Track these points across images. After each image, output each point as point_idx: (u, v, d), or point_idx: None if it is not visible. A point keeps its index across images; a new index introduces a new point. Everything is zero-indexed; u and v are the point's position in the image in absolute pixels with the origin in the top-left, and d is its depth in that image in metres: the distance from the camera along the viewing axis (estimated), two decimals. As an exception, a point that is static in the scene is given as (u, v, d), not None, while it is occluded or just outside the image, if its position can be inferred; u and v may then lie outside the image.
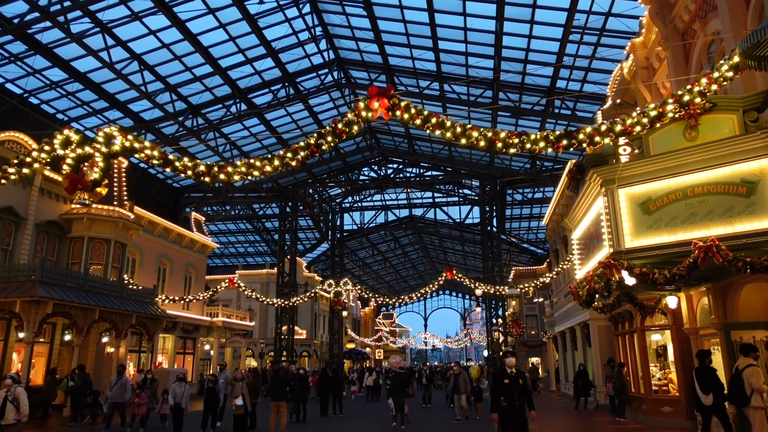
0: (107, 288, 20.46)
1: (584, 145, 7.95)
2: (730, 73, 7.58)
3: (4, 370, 18.08)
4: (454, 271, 25.14)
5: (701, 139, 8.71)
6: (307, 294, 32.36)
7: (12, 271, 17.99)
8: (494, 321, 37.29)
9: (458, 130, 7.86)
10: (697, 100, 7.97)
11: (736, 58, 7.51)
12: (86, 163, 7.68)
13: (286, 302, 30.86)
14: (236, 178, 8.12)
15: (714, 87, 7.75)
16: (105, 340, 21.61)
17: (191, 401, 23.70)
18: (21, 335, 17.34)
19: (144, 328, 22.32)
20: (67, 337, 20.06)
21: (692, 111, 8.29)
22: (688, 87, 7.92)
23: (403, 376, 15.84)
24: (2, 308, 17.14)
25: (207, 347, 32.60)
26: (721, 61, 7.79)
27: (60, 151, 7.58)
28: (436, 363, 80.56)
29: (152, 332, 22.74)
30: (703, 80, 7.77)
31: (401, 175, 38.91)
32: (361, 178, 40.13)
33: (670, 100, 7.90)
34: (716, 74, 7.62)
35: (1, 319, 18.01)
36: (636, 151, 9.51)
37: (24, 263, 19.01)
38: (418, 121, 7.82)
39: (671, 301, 12.29)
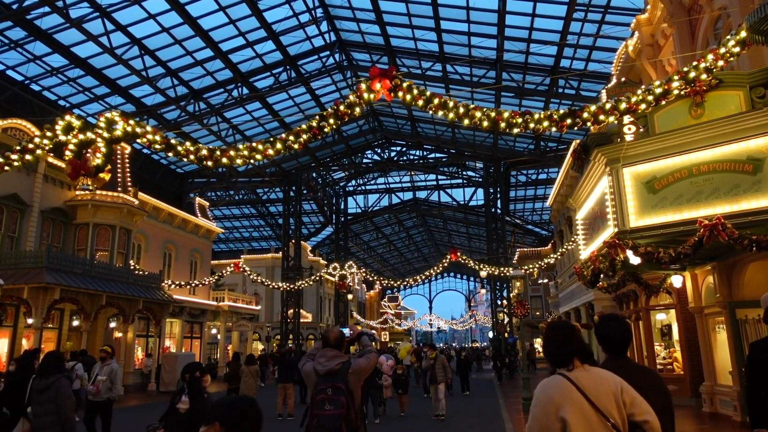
0: (113, 274, 20.58)
1: (588, 123, 7.86)
2: (737, 49, 7.45)
3: (15, 356, 18.31)
4: (459, 253, 25.16)
5: (707, 116, 8.62)
6: (312, 278, 32.49)
7: (19, 258, 18.11)
8: (499, 302, 37.42)
9: (461, 110, 7.79)
10: (703, 76, 7.84)
11: (743, 33, 7.38)
12: (89, 149, 7.66)
13: (291, 286, 31.01)
14: (239, 161, 8.08)
15: (720, 63, 7.62)
16: (113, 325, 21.82)
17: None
18: (30, 321, 17.52)
19: (151, 313, 22.50)
20: (75, 323, 20.26)
21: (698, 88, 8.19)
22: (694, 63, 7.79)
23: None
24: (11, 295, 17.28)
25: (214, 331, 32.89)
26: (728, 37, 7.66)
27: (62, 137, 7.55)
28: (441, 345, 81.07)
29: (159, 317, 22.93)
30: (710, 56, 7.65)
31: (404, 158, 38.78)
32: (365, 161, 40.03)
33: (676, 77, 7.78)
34: (723, 50, 7.49)
35: (9, 305, 18.17)
36: (641, 129, 9.43)
37: (30, 250, 19.13)
38: (420, 102, 7.75)
39: (676, 280, 12.28)
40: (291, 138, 7.97)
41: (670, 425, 2.99)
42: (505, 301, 37.36)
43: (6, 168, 7.94)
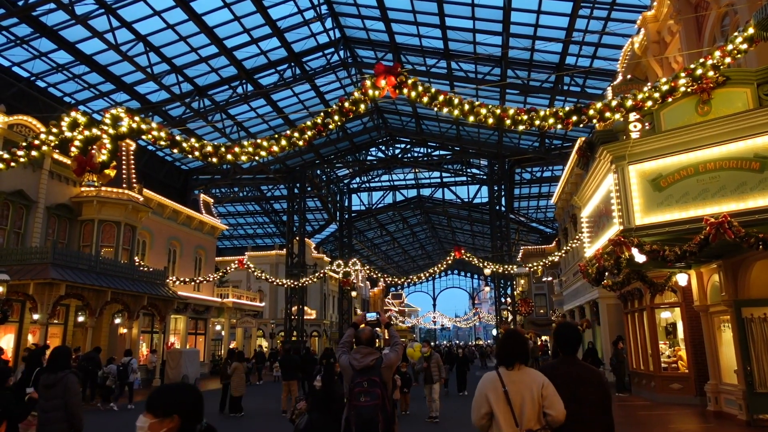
0: (119, 270, 20.66)
1: (594, 121, 7.82)
2: (744, 46, 7.39)
3: (20, 352, 18.42)
4: (463, 251, 25.14)
5: (714, 113, 8.58)
6: (316, 275, 32.54)
7: (25, 253, 18.21)
8: (503, 300, 37.40)
9: (466, 107, 7.76)
10: (710, 73, 7.80)
11: (751, 30, 7.32)
12: (94, 146, 7.68)
13: (295, 283, 31.07)
14: (243, 158, 8.09)
15: (727, 60, 7.57)
16: (118, 321, 21.92)
17: (202, 379, 23.97)
18: (35, 317, 17.62)
19: (156, 309, 22.59)
20: (81, 319, 20.35)
21: (705, 85, 8.14)
22: (701, 60, 7.74)
23: None
24: (16, 290, 17.37)
25: (218, 328, 33.00)
26: (735, 33, 7.60)
27: (68, 134, 7.58)
28: (445, 342, 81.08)
29: (164, 313, 23.02)
30: (717, 53, 7.60)
31: (409, 155, 38.73)
32: (369, 158, 40.00)
33: (683, 74, 7.73)
34: (730, 47, 7.44)
35: (15, 301, 18.27)
36: (647, 126, 9.38)
37: (36, 246, 19.21)
38: (425, 99, 7.73)
39: (681, 279, 12.24)
40: (295, 135, 7.97)
41: (608, 418, 3.62)
42: (509, 299, 37.36)
43: (12, 164, 7.97)
